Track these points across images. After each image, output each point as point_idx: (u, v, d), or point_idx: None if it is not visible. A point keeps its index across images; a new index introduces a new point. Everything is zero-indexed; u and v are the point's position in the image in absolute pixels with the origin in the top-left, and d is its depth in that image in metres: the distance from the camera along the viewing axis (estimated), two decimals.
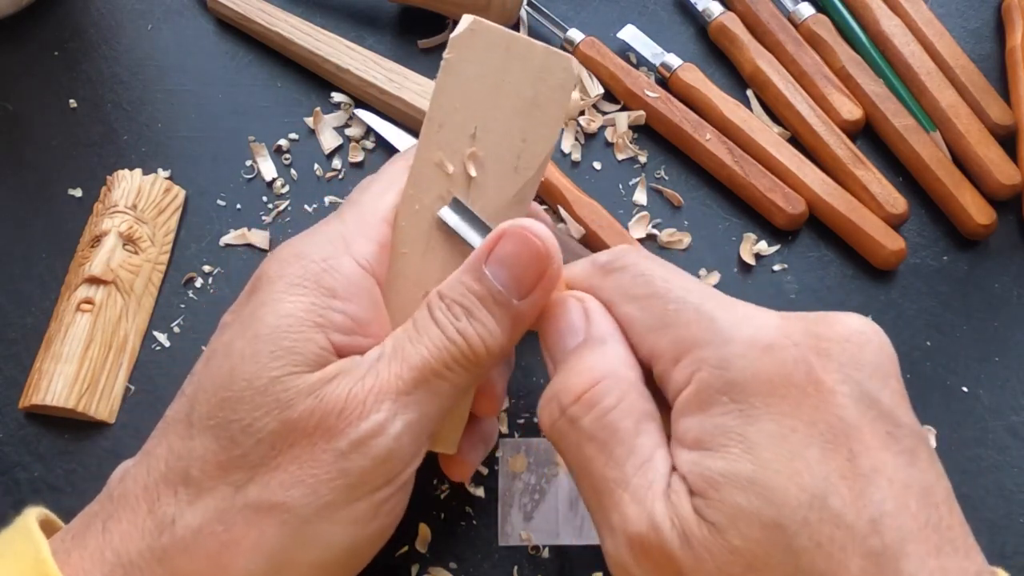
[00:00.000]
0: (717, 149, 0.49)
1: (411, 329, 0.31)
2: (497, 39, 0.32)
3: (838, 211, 0.48)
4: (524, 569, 0.40)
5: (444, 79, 0.33)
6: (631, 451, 0.27)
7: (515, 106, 0.32)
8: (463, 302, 0.30)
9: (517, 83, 0.33)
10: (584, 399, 0.28)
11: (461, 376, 0.30)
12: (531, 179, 0.33)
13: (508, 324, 0.31)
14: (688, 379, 0.27)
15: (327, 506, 0.28)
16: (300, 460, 0.28)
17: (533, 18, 0.55)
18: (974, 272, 0.48)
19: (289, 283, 0.30)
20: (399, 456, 0.29)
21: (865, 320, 0.28)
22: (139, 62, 0.53)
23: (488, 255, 0.31)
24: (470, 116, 0.33)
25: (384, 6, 0.55)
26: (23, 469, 0.43)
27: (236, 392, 0.29)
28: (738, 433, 0.25)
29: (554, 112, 0.33)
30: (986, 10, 0.57)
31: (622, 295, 0.30)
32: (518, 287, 0.30)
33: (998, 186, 0.49)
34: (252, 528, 0.28)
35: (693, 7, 0.55)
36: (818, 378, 0.26)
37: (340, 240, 0.32)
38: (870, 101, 0.51)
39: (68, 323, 0.44)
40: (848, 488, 0.24)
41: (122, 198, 0.47)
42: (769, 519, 0.24)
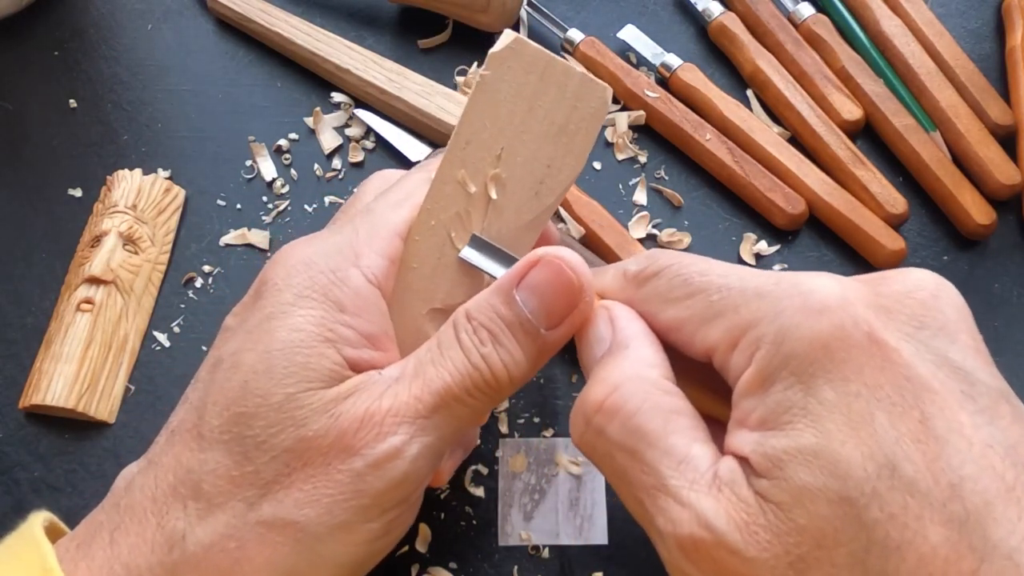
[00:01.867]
0: (717, 149, 0.49)
1: (435, 349, 0.30)
2: (535, 60, 0.32)
3: (838, 211, 0.48)
4: (524, 569, 0.40)
5: (476, 95, 0.32)
6: (665, 452, 0.26)
7: (545, 131, 0.32)
8: (491, 327, 0.30)
9: (550, 107, 0.32)
10: (605, 407, 0.27)
11: (481, 402, 0.30)
12: (549, 206, 0.32)
13: (533, 353, 0.30)
14: (747, 361, 0.26)
15: (340, 526, 0.28)
16: (315, 479, 0.28)
17: (533, 18, 0.55)
18: (974, 272, 0.48)
19: (297, 294, 0.30)
20: (415, 478, 0.29)
21: (929, 273, 0.26)
22: (139, 62, 0.53)
23: (520, 280, 0.30)
24: (498, 136, 0.32)
25: (384, 6, 0.55)
26: (23, 469, 0.43)
27: (250, 408, 0.28)
28: (800, 407, 0.24)
29: (583, 141, 0.32)
30: (986, 10, 0.57)
31: (662, 301, 0.29)
32: (548, 317, 0.30)
33: (998, 186, 0.49)
34: (265, 546, 0.28)
35: (693, 7, 0.55)
36: (879, 337, 0.24)
37: (350, 250, 0.31)
38: (870, 101, 0.51)
39: (68, 323, 0.44)
40: (922, 453, 0.23)
41: (122, 198, 0.47)
42: (835, 493, 0.23)
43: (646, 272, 0.30)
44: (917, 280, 0.26)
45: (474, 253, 0.32)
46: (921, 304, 0.25)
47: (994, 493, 0.22)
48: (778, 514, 0.23)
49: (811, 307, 0.25)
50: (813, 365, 0.24)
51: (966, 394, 0.24)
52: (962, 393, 0.24)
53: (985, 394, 0.24)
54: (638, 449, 0.26)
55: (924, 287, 0.26)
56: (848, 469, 0.23)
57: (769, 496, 0.24)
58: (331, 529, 0.28)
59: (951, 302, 0.26)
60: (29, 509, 0.41)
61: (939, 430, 0.23)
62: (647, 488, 0.26)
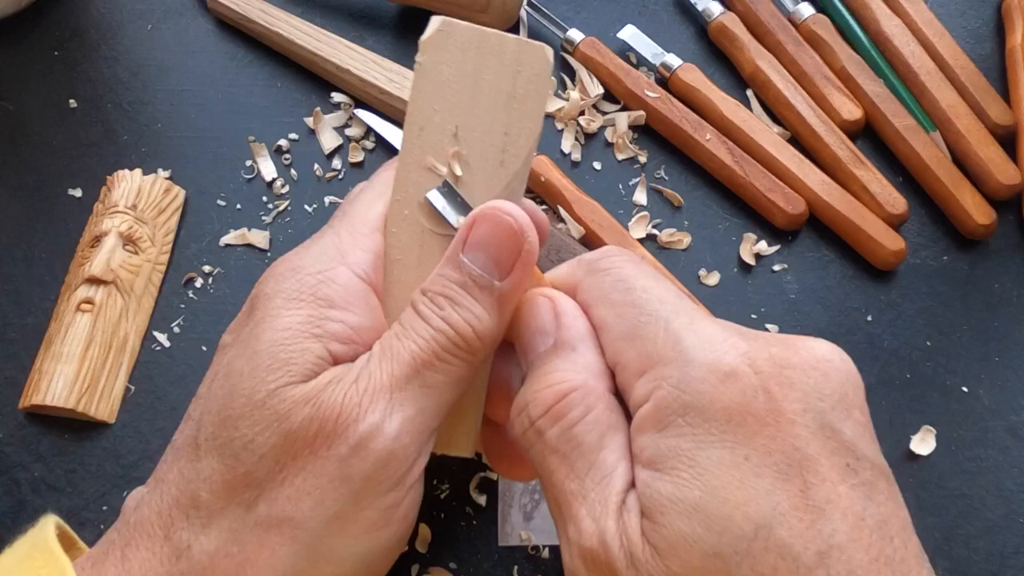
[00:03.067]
0: (717, 149, 0.49)
1: (398, 327, 0.31)
2: (468, 37, 0.32)
3: (838, 211, 0.48)
4: (524, 569, 0.40)
5: (419, 82, 0.33)
6: (592, 465, 0.27)
7: (494, 101, 0.32)
8: (445, 292, 0.30)
9: (494, 78, 0.32)
10: (552, 412, 0.28)
11: (455, 365, 0.30)
12: (518, 172, 0.33)
13: (494, 307, 0.30)
14: (648, 395, 0.27)
15: (335, 517, 0.28)
16: (304, 472, 0.28)
17: (533, 18, 0.55)
18: (974, 272, 0.48)
19: (286, 297, 0.30)
20: (401, 456, 0.29)
21: (832, 347, 0.28)
22: (139, 62, 0.53)
23: (464, 243, 0.30)
24: (449, 116, 0.33)
25: (384, 6, 0.55)
26: (23, 469, 0.43)
27: (236, 409, 0.29)
28: (689, 457, 0.25)
29: (534, 103, 0.33)
30: (986, 10, 0.57)
31: (600, 297, 0.29)
32: (497, 268, 0.30)
33: (998, 186, 0.49)
34: (264, 547, 0.28)
35: (693, 7, 0.55)
36: (778, 407, 0.25)
37: (335, 251, 0.32)
38: (870, 101, 0.51)
39: (68, 323, 0.44)
40: (799, 519, 0.24)
41: (122, 198, 0.47)
42: (709, 548, 0.24)
43: (599, 264, 0.30)
44: (823, 354, 0.27)
45: (440, 199, 0.32)
46: (824, 377, 0.26)
47: (858, 563, 0.24)
48: (655, 557, 0.25)
49: (720, 368, 0.26)
50: (709, 423, 0.25)
51: (850, 468, 0.25)
52: (847, 467, 0.25)
53: (868, 469, 0.25)
54: (570, 457, 0.27)
55: (828, 360, 0.27)
56: (726, 526, 0.24)
57: (650, 537, 0.25)
58: (326, 521, 0.28)
59: (850, 379, 0.27)
60: (29, 509, 0.42)
61: (818, 500, 0.24)
62: (568, 494, 0.27)
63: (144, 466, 0.43)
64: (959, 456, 0.44)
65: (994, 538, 0.42)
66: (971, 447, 0.44)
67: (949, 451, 0.44)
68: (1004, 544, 0.42)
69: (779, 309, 0.47)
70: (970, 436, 0.44)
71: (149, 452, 0.43)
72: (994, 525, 0.42)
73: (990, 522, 0.42)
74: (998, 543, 0.42)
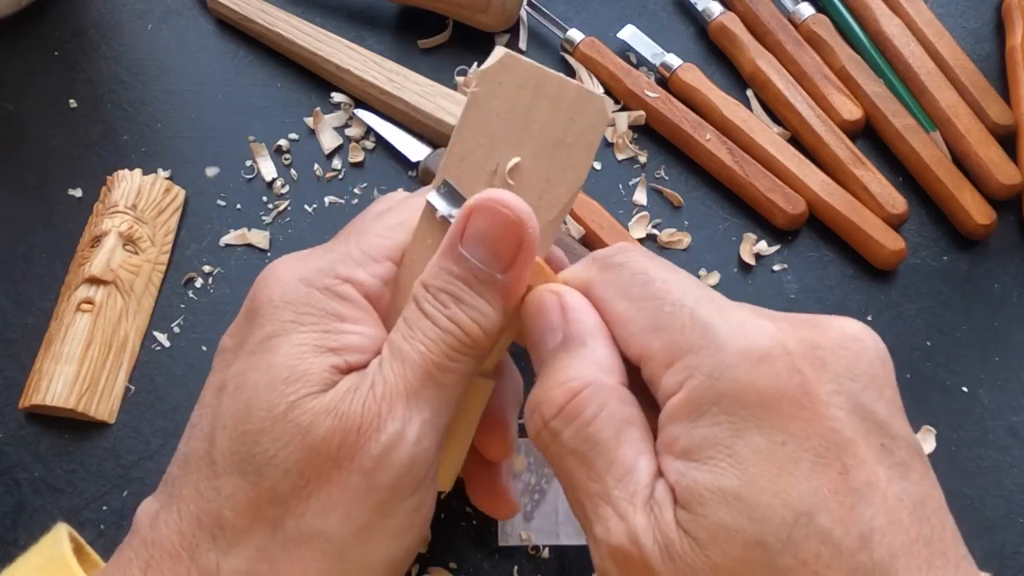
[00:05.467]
0: (717, 149, 0.49)
1: (403, 327, 0.30)
2: (528, 75, 0.31)
3: (838, 211, 0.48)
4: (524, 569, 0.40)
5: (469, 112, 0.31)
6: (612, 462, 0.26)
7: (541, 146, 0.31)
8: (448, 288, 0.30)
9: (545, 121, 0.31)
10: (564, 412, 0.27)
11: (465, 363, 0.30)
12: (551, 222, 0.31)
13: (498, 301, 0.30)
14: (679, 385, 0.26)
15: (363, 528, 0.28)
16: (330, 485, 0.28)
17: (533, 18, 0.55)
18: (974, 272, 0.48)
19: (296, 311, 0.30)
20: (423, 459, 0.29)
21: (861, 326, 0.27)
22: (139, 62, 0.53)
23: (462, 235, 0.30)
24: (492, 153, 0.31)
25: (384, 6, 0.55)
26: (23, 469, 0.43)
27: (256, 424, 0.28)
28: (726, 446, 0.25)
29: (582, 154, 0.31)
30: (986, 10, 0.57)
31: (617, 292, 0.29)
32: (498, 261, 0.30)
33: (998, 186, 0.49)
34: (296, 563, 0.28)
35: (693, 7, 0.55)
36: (812, 390, 0.25)
37: (343, 268, 0.31)
38: (870, 101, 0.51)
39: (68, 323, 0.44)
40: (839, 504, 0.24)
41: (122, 198, 0.47)
42: (751, 537, 0.24)
43: (613, 259, 0.30)
44: (853, 332, 0.27)
45: (441, 202, 0.31)
46: (855, 357, 0.26)
47: (899, 546, 0.24)
48: (695, 548, 0.24)
49: (752, 353, 0.25)
50: (745, 409, 0.25)
51: (886, 448, 0.25)
52: (882, 447, 0.25)
53: (903, 449, 0.25)
54: (589, 457, 0.27)
55: (858, 339, 0.27)
56: (767, 514, 0.24)
57: (688, 529, 0.25)
58: (355, 533, 0.28)
59: (880, 357, 0.27)
60: (29, 509, 0.42)
61: (856, 483, 0.24)
62: (591, 495, 0.27)
63: (144, 466, 0.43)
64: (959, 456, 0.44)
65: (994, 538, 0.42)
66: (971, 447, 0.44)
67: (949, 451, 0.44)
68: (1004, 544, 0.42)
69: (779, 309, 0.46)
70: (970, 436, 0.44)
71: (149, 452, 0.43)
72: (994, 525, 0.42)
73: (990, 522, 0.42)
74: (998, 543, 0.42)
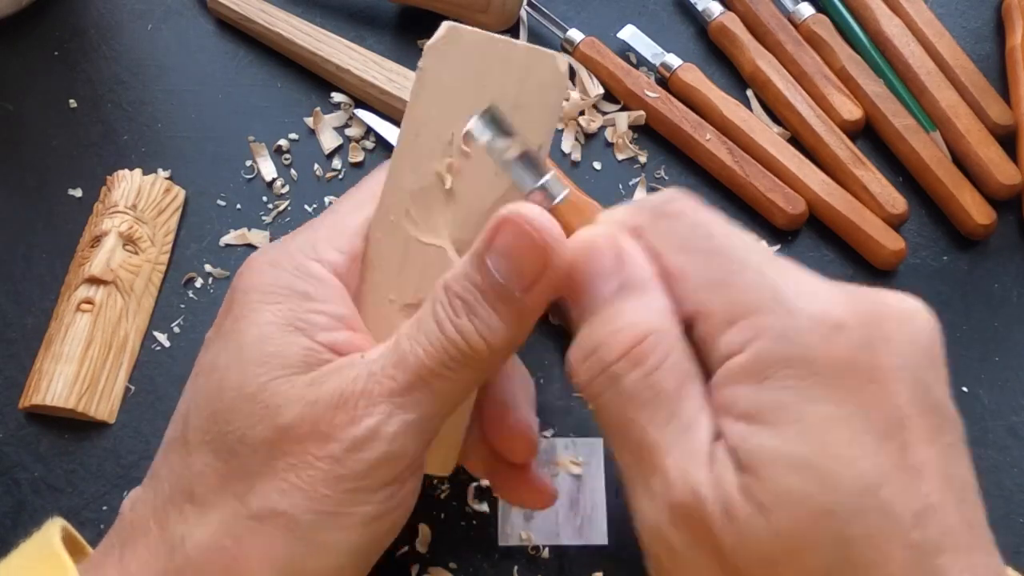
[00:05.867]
0: (717, 149, 0.49)
1: (412, 325, 0.30)
2: (475, 43, 0.31)
3: (838, 211, 0.48)
4: (524, 569, 0.40)
5: (418, 87, 0.31)
6: (673, 414, 0.25)
7: None
8: (465, 296, 0.29)
9: (498, 87, 0.30)
10: (631, 355, 0.26)
11: (463, 374, 0.29)
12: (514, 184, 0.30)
13: (512, 319, 0.29)
14: (742, 345, 0.25)
15: (330, 513, 0.28)
16: (297, 467, 0.28)
17: (533, 18, 0.55)
18: (974, 272, 0.48)
19: (264, 292, 0.30)
20: (398, 457, 0.29)
21: (918, 301, 0.27)
22: (139, 62, 0.53)
23: (490, 244, 0.29)
24: (447, 124, 0.31)
25: (384, 6, 0.55)
26: (23, 469, 0.43)
27: (227, 403, 0.29)
28: (796, 410, 0.24)
29: (540, 114, 0.30)
30: (986, 10, 0.57)
31: (676, 243, 0.27)
32: (520, 280, 0.28)
33: (998, 186, 0.49)
34: (259, 539, 0.28)
35: (693, 7, 0.55)
36: (879, 363, 0.24)
37: (310, 248, 0.31)
38: (870, 101, 0.51)
39: (68, 323, 0.44)
40: (899, 479, 0.24)
41: (122, 198, 0.47)
42: (821, 505, 0.23)
43: (668, 207, 0.28)
44: (913, 307, 0.26)
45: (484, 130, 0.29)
46: (917, 333, 0.26)
47: (949, 525, 0.24)
48: (760, 513, 0.24)
49: (828, 319, 0.25)
50: (815, 376, 0.24)
51: (939, 428, 0.25)
52: (937, 427, 0.25)
53: (952, 430, 0.26)
54: (651, 405, 0.26)
55: (918, 315, 0.26)
56: (838, 483, 0.23)
57: (752, 492, 0.24)
58: (320, 516, 0.28)
59: (936, 334, 0.27)
60: (29, 509, 0.42)
61: (914, 460, 0.24)
62: (649, 446, 0.26)
63: (144, 466, 0.43)
64: None
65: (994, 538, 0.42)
66: (971, 447, 0.44)
67: None
68: (1004, 544, 0.42)
69: None
70: (970, 436, 0.43)
71: (149, 452, 0.43)
72: (994, 525, 0.42)
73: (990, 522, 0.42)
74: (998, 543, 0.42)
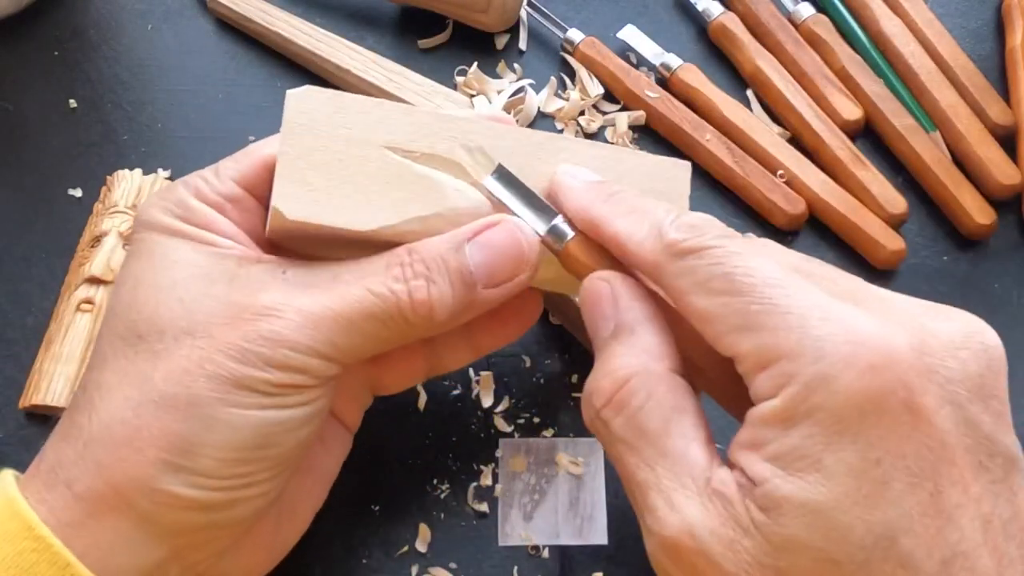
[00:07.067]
0: (717, 149, 0.49)
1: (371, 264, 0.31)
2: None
3: (838, 211, 0.48)
4: (524, 569, 0.40)
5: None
6: (662, 453, 0.26)
7: None
8: (431, 264, 0.30)
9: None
10: (613, 402, 0.27)
11: (392, 329, 0.30)
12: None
13: (462, 303, 0.31)
14: (774, 391, 0.25)
15: (226, 393, 0.29)
16: (202, 351, 0.29)
17: (533, 18, 0.55)
18: (974, 272, 0.48)
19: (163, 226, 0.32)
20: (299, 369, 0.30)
21: (973, 323, 0.26)
22: (139, 62, 0.53)
23: (477, 233, 0.31)
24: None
25: (384, 6, 0.55)
26: (23, 469, 0.42)
27: (141, 296, 0.30)
28: (816, 459, 0.24)
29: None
30: (986, 10, 0.57)
31: (696, 285, 0.27)
32: (488, 276, 0.30)
33: (998, 186, 0.49)
34: (161, 412, 0.29)
35: (693, 7, 0.55)
36: (916, 404, 0.24)
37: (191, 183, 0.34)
38: (870, 101, 0.51)
39: (68, 323, 0.44)
40: (925, 527, 0.23)
41: (122, 198, 0.47)
42: (824, 555, 0.23)
43: (686, 245, 0.28)
44: (966, 333, 0.25)
45: (497, 185, 0.32)
46: (965, 362, 0.25)
47: (982, 570, 0.23)
48: (767, 551, 0.24)
49: (856, 364, 0.24)
50: (842, 423, 0.24)
51: (983, 465, 0.24)
52: (980, 464, 0.24)
53: (1001, 465, 0.25)
54: (638, 446, 0.27)
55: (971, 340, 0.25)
56: (845, 535, 0.23)
57: (763, 531, 0.24)
58: (218, 396, 0.29)
59: (993, 361, 0.25)
60: None
61: (947, 504, 0.23)
62: (642, 484, 0.26)
63: None
64: None
65: None
66: None
67: None
68: None
69: None
70: None
71: None
72: None
73: None
74: None
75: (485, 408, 0.43)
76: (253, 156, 0.34)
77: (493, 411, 0.43)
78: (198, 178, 0.34)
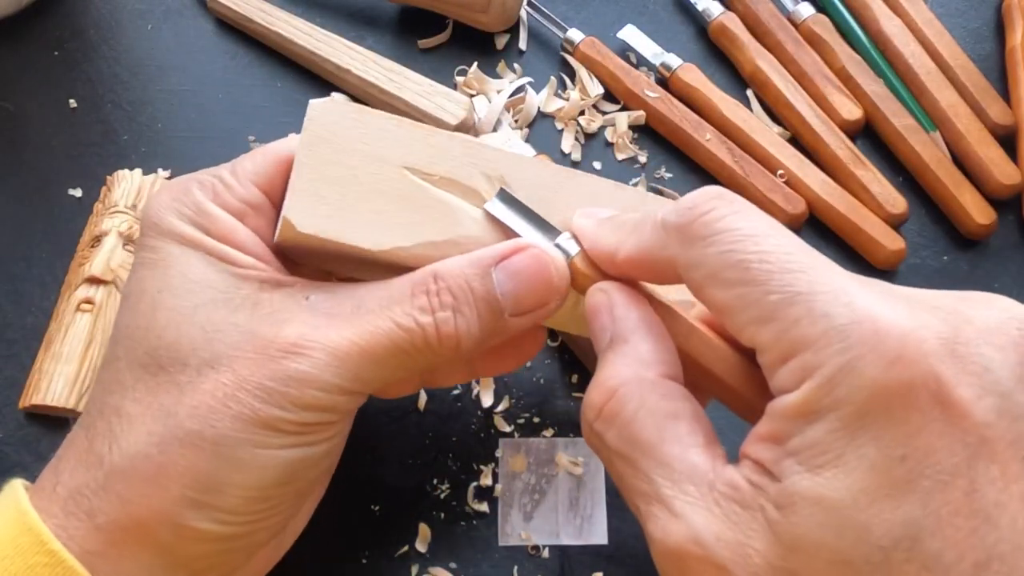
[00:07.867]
0: (717, 149, 0.49)
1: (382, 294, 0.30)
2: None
3: (838, 211, 0.48)
4: (524, 569, 0.40)
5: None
6: (659, 462, 0.26)
7: None
8: (457, 293, 0.29)
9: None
10: (604, 414, 0.27)
11: (416, 360, 0.30)
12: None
13: (489, 333, 0.30)
14: (796, 383, 0.24)
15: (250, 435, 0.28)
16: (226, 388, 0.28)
17: (533, 18, 0.55)
18: (974, 272, 0.48)
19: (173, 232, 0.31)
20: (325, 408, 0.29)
21: (1012, 307, 0.24)
22: (139, 62, 0.53)
23: (503, 257, 0.30)
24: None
25: (384, 6, 0.55)
26: (23, 469, 0.42)
27: (161, 321, 0.29)
28: (837, 455, 0.23)
29: None
30: (986, 10, 0.57)
31: (710, 277, 0.26)
32: (516, 304, 0.30)
33: (998, 186, 0.49)
34: (184, 450, 0.28)
35: (693, 7, 0.55)
36: (948, 397, 0.22)
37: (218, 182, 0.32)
38: (870, 101, 0.51)
39: (68, 323, 0.44)
40: (955, 528, 0.22)
41: (122, 198, 0.47)
42: (837, 554, 0.22)
43: (692, 229, 0.26)
44: (1004, 317, 0.24)
45: (500, 207, 0.31)
46: (1005, 347, 0.23)
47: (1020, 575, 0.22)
48: (778, 552, 0.23)
49: (882, 355, 0.22)
50: (866, 418, 0.22)
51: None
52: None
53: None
54: (633, 457, 0.26)
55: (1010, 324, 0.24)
56: (860, 535, 0.22)
57: (776, 529, 0.23)
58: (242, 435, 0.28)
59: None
60: None
61: (984, 503, 0.22)
62: (641, 494, 0.26)
63: None
64: None
65: None
66: None
67: None
68: None
69: None
70: None
71: None
72: None
73: None
74: None
75: (485, 408, 0.43)
76: (270, 156, 0.33)
77: (493, 411, 0.43)
78: (215, 179, 0.32)
